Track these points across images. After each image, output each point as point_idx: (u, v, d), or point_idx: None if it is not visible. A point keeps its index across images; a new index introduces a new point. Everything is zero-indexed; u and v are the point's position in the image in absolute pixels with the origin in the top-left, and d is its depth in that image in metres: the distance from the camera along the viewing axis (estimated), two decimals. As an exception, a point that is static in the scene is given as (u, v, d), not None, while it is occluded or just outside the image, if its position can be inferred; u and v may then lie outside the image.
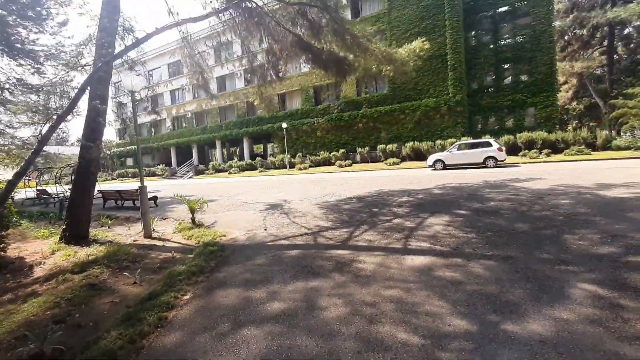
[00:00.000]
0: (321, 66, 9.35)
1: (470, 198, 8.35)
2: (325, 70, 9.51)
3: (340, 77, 9.49)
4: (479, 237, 5.05)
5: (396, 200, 9.02)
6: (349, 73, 9.43)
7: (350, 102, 28.65)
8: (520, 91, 24.17)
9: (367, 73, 11.79)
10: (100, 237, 7.64)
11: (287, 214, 8.41)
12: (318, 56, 8.93)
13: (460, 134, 23.54)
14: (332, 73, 9.46)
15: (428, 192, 9.99)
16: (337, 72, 9.27)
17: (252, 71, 10.04)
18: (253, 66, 9.99)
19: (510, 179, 11.26)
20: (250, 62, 9.85)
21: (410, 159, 24.27)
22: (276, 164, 30.94)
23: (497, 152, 16.14)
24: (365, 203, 8.97)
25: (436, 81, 24.77)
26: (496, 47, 25.38)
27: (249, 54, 9.60)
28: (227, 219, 8.51)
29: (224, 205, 11.01)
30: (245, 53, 9.68)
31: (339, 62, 8.95)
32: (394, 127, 26.52)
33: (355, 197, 10.25)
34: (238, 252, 5.49)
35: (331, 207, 8.75)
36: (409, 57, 11.64)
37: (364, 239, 5.48)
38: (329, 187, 13.44)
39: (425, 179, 13.40)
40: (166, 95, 42.95)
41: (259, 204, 10.49)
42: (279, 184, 17.05)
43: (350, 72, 9.47)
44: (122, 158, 48.46)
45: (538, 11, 23.63)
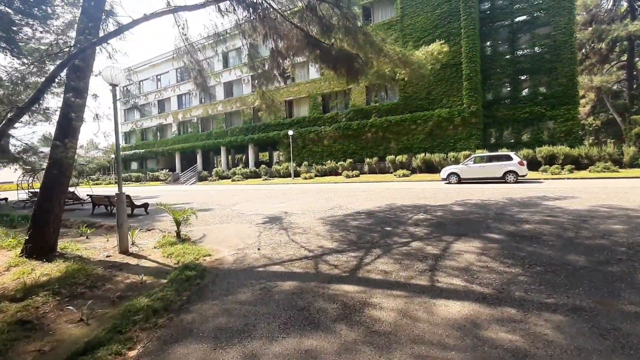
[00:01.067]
0: (330, 65, 8.37)
1: (499, 218, 7.19)
2: (334, 69, 8.52)
3: (351, 77, 8.50)
4: (528, 274, 3.91)
5: (411, 217, 7.89)
6: (361, 73, 8.43)
7: (359, 110, 27.74)
8: (538, 103, 23.00)
9: (380, 76, 10.79)
10: (70, 250, 6.63)
11: (287, 229, 7.34)
12: (327, 53, 7.96)
13: (475, 147, 22.37)
14: (342, 73, 8.47)
15: (447, 208, 8.85)
16: (348, 71, 8.28)
17: (254, 68, 9.10)
18: (255, 63, 9.05)
19: (538, 197, 10.06)
20: (252, 59, 8.92)
21: (420, 171, 23.11)
22: (281, 172, 29.99)
23: (517, 167, 14.95)
24: (376, 219, 7.86)
25: (450, 91, 23.75)
26: (513, 57, 24.36)
27: (250, 49, 8.67)
28: (218, 233, 7.46)
29: (219, 216, 9.97)
30: (246, 47, 8.75)
31: (350, 60, 7.96)
32: (404, 137, 25.46)
33: (364, 211, 9.15)
34: (220, 279, 4.42)
35: (337, 223, 7.65)
36: (427, 60, 10.64)
37: (378, 269, 4.37)
38: (335, 199, 12.36)
39: (441, 194, 12.24)
40: (173, 99, 42.61)
41: (257, 216, 9.44)
42: (281, 194, 16.02)
43: (363, 72, 8.46)
44: (127, 162, 48.06)
45: (559, 21, 22.61)
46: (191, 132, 40.67)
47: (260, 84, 9.35)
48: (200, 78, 9.88)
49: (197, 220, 9.07)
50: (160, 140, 43.98)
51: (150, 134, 46.12)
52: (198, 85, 9.87)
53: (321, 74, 29.18)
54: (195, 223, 8.76)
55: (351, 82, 8.85)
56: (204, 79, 10.07)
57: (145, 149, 44.81)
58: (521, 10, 23.99)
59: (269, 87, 9.67)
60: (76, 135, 6.72)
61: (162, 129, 44.42)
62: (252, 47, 8.66)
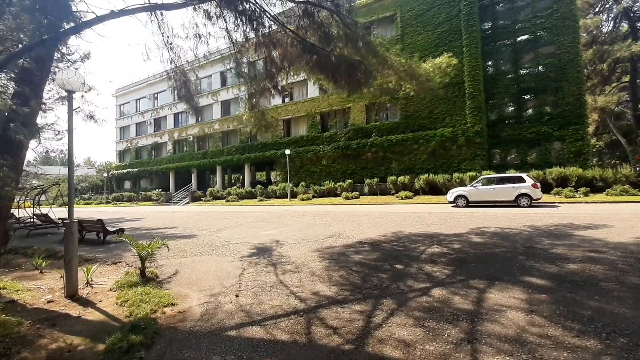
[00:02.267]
0: (330, 75, 7.37)
1: (532, 254, 5.98)
2: (334, 80, 7.53)
3: (353, 88, 7.51)
4: (612, 351, 2.68)
5: (424, 250, 6.67)
6: (364, 83, 7.44)
7: (358, 129, 26.92)
8: (545, 123, 22.19)
9: (384, 91, 9.85)
10: (6, 291, 5.35)
11: (276, 265, 6.09)
12: (326, 60, 6.97)
13: (480, 168, 21.35)
14: (343, 84, 7.48)
15: (464, 239, 7.63)
16: (350, 81, 7.27)
17: (241, 75, 8.09)
18: (242, 70, 8.06)
19: (564, 225, 8.88)
20: (238, 65, 7.93)
21: (424, 193, 21.97)
22: (277, 192, 28.79)
23: (531, 189, 13.83)
24: (383, 253, 6.63)
25: (453, 110, 23.00)
26: (517, 76, 23.77)
27: (236, 52, 7.68)
28: (192, 270, 6.20)
29: (201, 245, 8.71)
30: (234, 52, 7.77)
31: (352, 68, 6.97)
32: (405, 157, 24.49)
33: (368, 241, 7.92)
34: (174, 350, 3.16)
35: (336, 258, 6.41)
36: (434, 72, 9.71)
37: (394, 337, 3.13)
38: (334, 225, 11.13)
39: (451, 219, 11.04)
40: (169, 118, 41.97)
41: (244, 246, 8.19)
42: (276, 217, 14.78)
43: (366, 82, 7.47)
44: (121, 181, 46.88)
45: (563, 40, 22.15)
46: (187, 150, 39.75)
47: (251, 97, 8.33)
48: (184, 89, 8.87)
49: (174, 251, 7.83)
50: (154, 158, 42.98)
51: (145, 153, 45.16)
52: (182, 97, 8.86)
53: (320, 86, 28.60)
54: (171, 254, 7.50)
55: (353, 92, 7.86)
56: (188, 90, 9.06)
57: (140, 167, 43.71)
58: (523, 29, 23.62)
59: (261, 100, 8.66)
60: (20, 151, 5.57)
61: (158, 147, 43.52)
62: (240, 53, 7.67)
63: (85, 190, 52.30)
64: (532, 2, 23.66)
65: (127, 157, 47.49)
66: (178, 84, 8.83)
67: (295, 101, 31.28)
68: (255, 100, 8.49)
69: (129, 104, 47.42)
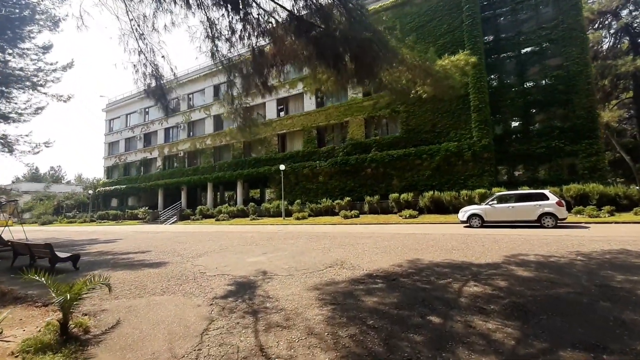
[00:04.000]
0: (330, 63, 5.85)
1: (611, 295, 4.31)
2: (337, 70, 6.00)
3: (361, 78, 6.00)
4: None
5: (460, 289, 4.95)
6: (377, 70, 5.91)
7: (357, 144, 25.49)
8: (555, 137, 20.89)
9: (394, 91, 8.35)
10: None
11: (258, 314, 4.32)
12: (327, 44, 5.46)
13: (489, 184, 19.85)
14: (348, 74, 5.95)
15: (505, 272, 5.92)
16: (358, 69, 5.74)
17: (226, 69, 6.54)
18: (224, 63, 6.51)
19: (619, 251, 7.23)
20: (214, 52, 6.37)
21: (429, 211, 20.29)
22: (271, 211, 26.93)
23: (556, 208, 12.25)
24: (404, 293, 4.90)
25: (457, 123, 21.72)
26: (523, 89, 22.69)
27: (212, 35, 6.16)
28: (141, 320, 4.41)
29: (168, 276, 6.89)
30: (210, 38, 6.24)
31: (361, 50, 5.44)
32: (407, 173, 22.97)
33: (380, 273, 6.18)
34: None
35: (342, 301, 4.67)
36: (452, 70, 8.28)
37: None
38: (334, 249, 9.37)
39: (473, 243, 9.34)
40: (160, 132, 40.44)
41: (222, 280, 6.40)
42: (267, 239, 12.97)
43: (379, 67, 5.95)
44: (108, 198, 44.74)
45: (571, 51, 21.20)
46: (177, 166, 38.00)
47: (231, 86, 6.74)
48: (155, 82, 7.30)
49: (130, 287, 6.04)
50: (143, 175, 41.09)
51: (133, 169, 43.29)
52: (149, 93, 7.26)
53: (316, 96, 27.35)
54: (125, 291, 5.72)
55: (362, 82, 6.33)
56: (160, 84, 7.49)
57: (127, 184, 41.71)
58: (528, 41, 22.72)
59: (246, 97, 7.10)
60: None
61: (147, 163, 41.71)
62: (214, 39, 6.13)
63: (71, 208, 49.94)
64: (536, 14, 22.92)
65: (116, 173, 45.54)
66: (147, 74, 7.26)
67: (290, 115, 29.95)
68: (240, 99, 6.91)
69: (119, 119, 45.91)
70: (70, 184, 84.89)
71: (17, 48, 19.19)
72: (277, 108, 31.20)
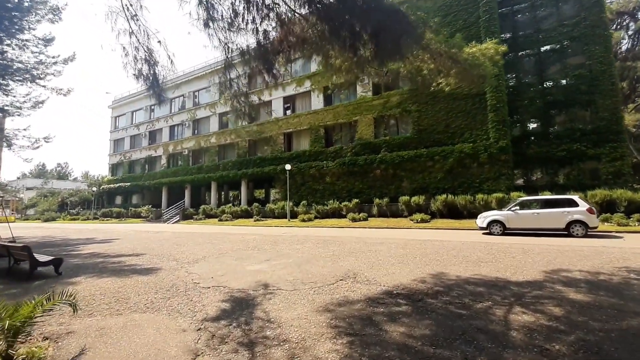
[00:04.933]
0: (345, 42, 4.95)
1: None
2: (353, 50, 5.08)
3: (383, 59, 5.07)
4: None
5: (506, 317, 4.01)
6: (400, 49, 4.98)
7: (366, 144, 24.55)
8: (577, 140, 19.72)
9: (415, 80, 7.43)
10: None
11: (254, 347, 3.42)
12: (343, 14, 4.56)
13: (506, 188, 18.76)
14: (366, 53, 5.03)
15: (552, 293, 4.95)
16: (379, 49, 4.83)
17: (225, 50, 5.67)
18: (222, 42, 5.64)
19: (678, 269, 6.20)
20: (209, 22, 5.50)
21: (441, 216, 19.27)
22: (276, 212, 26.08)
23: (586, 215, 11.19)
24: (436, 320, 3.96)
25: (473, 124, 20.68)
26: (542, 88, 21.56)
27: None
28: (110, 349, 3.53)
29: (156, 287, 6.03)
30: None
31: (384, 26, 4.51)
32: (418, 175, 21.96)
33: (401, 290, 5.25)
34: None
35: (360, 331, 3.75)
36: (481, 59, 7.33)
37: None
38: (344, 258, 8.45)
39: (500, 254, 8.35)
40: (165, 130, 39.91)
41: (216, 294, 5.52)
42: (271, 243, 12.10)
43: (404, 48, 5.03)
44: (112, 195, 44.31)
45: (594, 50, 20.05)
46: (181, 165, 37.38)
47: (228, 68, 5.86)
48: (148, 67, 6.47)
49: (109, 300, 5.18)
50: (148, 173, 40.58)
51: (138, 167, 42.84)
52: (141, 80, 6.43)
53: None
54: (102, 306, 4.87)
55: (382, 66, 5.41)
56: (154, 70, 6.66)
57: (132, 182, 41.24)
58: (548, 39, 21.60)
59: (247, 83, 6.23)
60: None
61: (151, 161, 41.20)
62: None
63: (75, 205, 49.68)
64: (556, 10, 21.79)
65: (120, 170, 45.13)
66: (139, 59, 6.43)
67: (297, 113, 29.11)
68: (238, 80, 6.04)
69: (125, 116, 45.52)
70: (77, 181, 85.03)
71: (16, 39, 18.60)
72: (284, 106, 30.39)
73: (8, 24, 18.12)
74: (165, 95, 6.88)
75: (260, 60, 6.36)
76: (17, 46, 19.37)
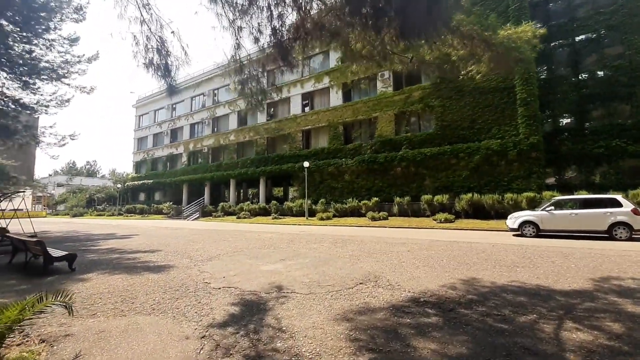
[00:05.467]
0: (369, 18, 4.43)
1: None
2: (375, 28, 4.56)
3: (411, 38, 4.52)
4: None
5: (555, 334, 3.40)
6: (435, 24, 4.42)
7: (387, 141, 23.80)
8: (616, 136, 18.29)
9: (443, 68, 6.81)
10: None
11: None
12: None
13: (537, 187, 17.64)
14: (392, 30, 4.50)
15: (608, 306, 4.26)
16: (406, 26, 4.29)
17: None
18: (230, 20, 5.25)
19: None
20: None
21: (466, 216, 18.33)
22: (294, 210, 25.78)
23: (631, 217, 10.17)
24: (472, 335, 3.41)
25: (501, 119, 19.57)
26: (577, 81, 20.15)
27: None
28: (106, 356, 3.20)
29: (166, 286, 5.74)
30: None
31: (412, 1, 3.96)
32: (442, 173, 21.04)
33: (428, 297, 4.70)
34: None
35: (383, 345, 3.24)
36: (518, 42, 6.61)
37: None
38: (364, 259, 7.94)
39: (537, 258, 7.60)
40: (186, 128, 40.46)
41: (227, 295, 5.15)
42: (287, 242, 11.73)
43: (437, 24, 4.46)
44: (136, 192, 45.44)
45: (633, 39, 18.52)
46: (201, 162, 37.79)
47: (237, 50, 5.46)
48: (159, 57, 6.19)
49: (115, 299, 4.91)
50: (169, 170, 41.33)
51: (160, 164, 43.72)
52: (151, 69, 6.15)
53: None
54: (108, 305, 4.59)
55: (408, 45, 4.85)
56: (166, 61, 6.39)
57: (154, 179, 42.11)
58: (583, 27, 20.14)
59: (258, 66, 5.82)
60: None
61: (173, 158, 41.93)
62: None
63: (102, 201, 51.33)
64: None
65: (144, 168, 46.23)
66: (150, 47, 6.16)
67: (316, 110, 28.68)
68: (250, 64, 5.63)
69: (148, 115, 46.56)
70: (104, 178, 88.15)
71: (42, 39, 19.09)
72: (302, 103, 30.03)
73: (35, 24, 18.63)
74: (177, 86, 6.58)
75: (275, 49, 5.94)
76: (44, 46, 19.91)
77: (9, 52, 18.57)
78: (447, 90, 21.44)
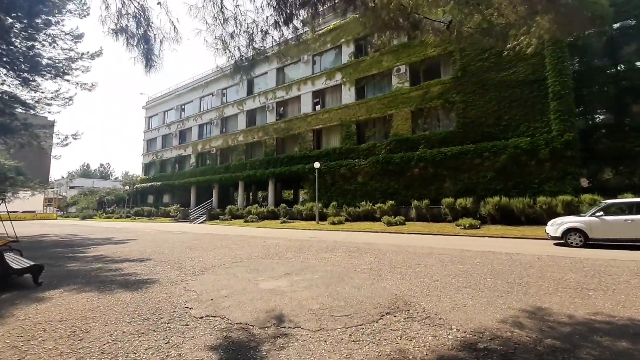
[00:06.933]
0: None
1: None
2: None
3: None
4: None
5: None
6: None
7: (403, 140, 22.29)
8: (662, 132, 16.42)
9: (484, 37, 5.41)
10: None
11: None
12: None
13: (572, 189, 15.86)
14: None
15: None
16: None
17: None
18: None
19: None
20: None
21: (493, 221, 16.64)
22: (304, 213, 24.45)
23: None
24: None
25: (530, 115, 17.85)
26: (616, 72, 18.34)
27: None
28: None
29: (134, 314, 4.46)
30: None
31: None
32: (464, 175, 19.38)
33: (489, 342, 3.27)
34: None
35: None
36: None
37: None
38: (385, 275, 6.52)
39: (608, 279, 6.05)
40: (194, 129, 39.74)
41: (207, 329, 3.83)
42: (295, 250, 10.38)
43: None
44: (145, 194, 44.94)
45: (681, 24, 16.65)
46: (209, 164, 36.90)
47: None
48: (135, 25, 4.98)
49: (60, 335, 3.61)
50: (177, 172, 40.64)
51: (168, 166, 43.13)
52: (122, 34, 4.94)
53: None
54: (37, 348, 3.28)
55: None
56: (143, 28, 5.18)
57: (162, 181, 41.49)
58: (622, 13, 18.28)
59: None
60: None
61: (181, 160, 41.24)
62: None
63: (111, 203, 51.11)
64: (632, -20, 18.47)
65: (152, 170, 45.75)
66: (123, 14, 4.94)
67: (327, 108, 27.36)
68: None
69: (157, 116, 46.14)
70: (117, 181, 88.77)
71: (44, 34, 18.37)
72: (313, 101, 28.77)
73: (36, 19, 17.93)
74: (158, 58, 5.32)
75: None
76: (45, 42, 19.23)
77: (10, 48, 17.92)
78: (469, 84, 19.84)
